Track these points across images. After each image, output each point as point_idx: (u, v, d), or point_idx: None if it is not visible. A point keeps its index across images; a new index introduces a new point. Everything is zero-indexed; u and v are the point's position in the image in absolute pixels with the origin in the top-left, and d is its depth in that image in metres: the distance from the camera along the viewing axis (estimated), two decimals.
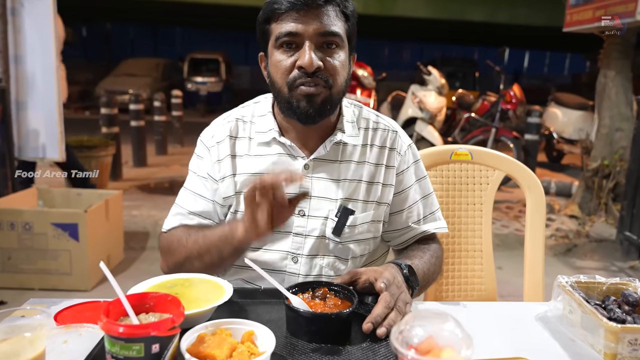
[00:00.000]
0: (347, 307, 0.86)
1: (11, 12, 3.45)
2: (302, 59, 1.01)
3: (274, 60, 1.06)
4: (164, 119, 7.09)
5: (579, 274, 0.97)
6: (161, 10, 14.79)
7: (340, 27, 1.05)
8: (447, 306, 1.03)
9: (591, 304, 0.89)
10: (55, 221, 2.92)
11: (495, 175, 1.66)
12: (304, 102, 1.04)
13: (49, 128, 3.62)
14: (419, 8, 12.76)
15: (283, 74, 1.04)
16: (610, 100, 4.50)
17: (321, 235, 1.12)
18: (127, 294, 0.75)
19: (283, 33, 1.02)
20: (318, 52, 1.03)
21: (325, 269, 1.14)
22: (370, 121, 1.20)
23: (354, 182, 1.14)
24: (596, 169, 4.48)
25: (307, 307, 0.86)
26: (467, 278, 1.67)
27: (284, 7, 1.01)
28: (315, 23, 1.01)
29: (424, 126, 5.59)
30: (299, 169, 1.12)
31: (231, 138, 1.16)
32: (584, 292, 0.95)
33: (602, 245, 3.95)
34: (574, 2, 4.47)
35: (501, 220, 4.45)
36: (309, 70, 1.01)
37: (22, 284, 2.95)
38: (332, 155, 1.14)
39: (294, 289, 0.91)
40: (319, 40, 1.02)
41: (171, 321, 0.68)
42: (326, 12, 1.02)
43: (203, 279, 0.96)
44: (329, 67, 1.04)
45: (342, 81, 1.07)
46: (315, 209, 1.12)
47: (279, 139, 1.12)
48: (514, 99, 5.54)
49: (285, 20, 1.02)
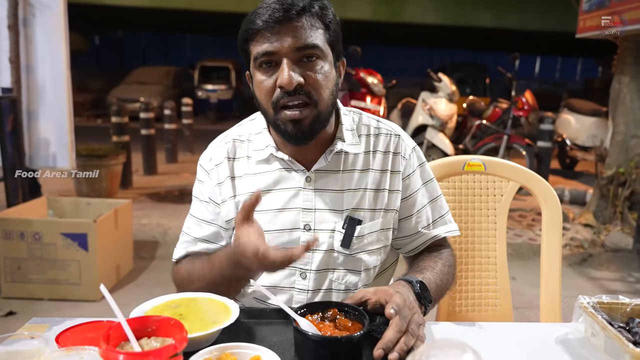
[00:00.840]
0: (358, 330, 0.83)
1: (23, 23, 3.48)
2: (280, 78, 0.97)
3: (256, 81, 1.03)
4: (174, 127, 7.12)
5: (601, 295, 0.92)
6: (172, 18, 14.93)
7: (319, 37, 1.00)
8: (462, 327, 0.98)
9: (615, 327, 0.85)
10: (65, 231, 2.91)
11: (509, 186, 1.62)
12: (291, 126, 1.00)
13: (59, 137, 3.64)
14: (428, 14, 12.74)
15: (266, 95, 1.01)
16: (625, 106, 4.42)
17: (329, 248, 1.09)
18: (129, 318, 0.72)
19: (260, 53, 0.99)
20: (298, 67, 0.99)
21: (336, 283, 1.11)
22: (371, 127, 1.17)
23: (359, 191, 1.11)
24: (611, 176, 4.40)
25: (316, 329, 0.82)
26: (482, 292, 1.62)
27: (257, 26, 0.98)
28: (290, 39, 0.97)
29: (434, 133, 5.54)
30: (301, 183, 1.09)
31: (229, 159, 1.14)
32: (606, 313, 0.90)
33: (618, 255, 3.87)
34: (587, 8, 4.41)
35: (514, 229, 4.38)
36: (289, 89, 0.97)
37: (31, 294, 2.95)
38: (334, 166, 1.11)
39: (302, 310, 0.88)
40: (297, 56, 0.99)
41: (173, 347, 0.65)
42: (301, 25, 0.98)
43: (209, 298, 0.93)
44: (311, 82, 1.00)
45: (328, 94, 1.03)
46: (321, 222, 1.09)
47: (276, 154, 1.09)
48: (526, 105, 5.47)
49: (260, 39, 0.99)
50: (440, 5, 12.60)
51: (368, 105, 5.52)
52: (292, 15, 0.97)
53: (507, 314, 1.61)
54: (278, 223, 1.08)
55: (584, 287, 3.47)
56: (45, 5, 3.51)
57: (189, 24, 17.46)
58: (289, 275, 1.09)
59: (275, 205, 1.09)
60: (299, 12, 0.97)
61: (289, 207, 1.09)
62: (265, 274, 1.10)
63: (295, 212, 1.09)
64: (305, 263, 1.09)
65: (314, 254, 1.09)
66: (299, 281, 1.09)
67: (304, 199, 1.09)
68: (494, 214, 1.62)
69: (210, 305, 0.90)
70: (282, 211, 1.09)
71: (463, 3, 12.62)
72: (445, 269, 1.12)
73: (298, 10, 0.97)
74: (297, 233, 1.08)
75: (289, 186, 1.10)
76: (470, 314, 1.60)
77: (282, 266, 0.90)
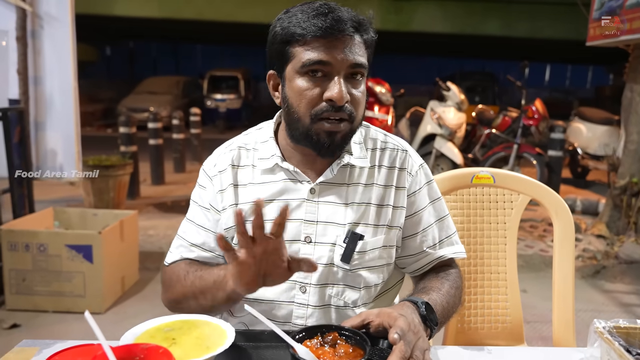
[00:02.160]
0: (359, 356, 0.79)
1: (31, 34, 3.51)
2: (331, 91, 0.96)
3: (297, 87, 1.00)
4: (182, 137, 7.14)
5: (618, 319, 0.87)
6: (182, 28, 15.06)
7: (365, 57, 1.01)
8: (469, 352, 0.94)
9: (633, 354, 0.80)
10: (70, 243, 2.90)
11: (520, 199, 1.57)
12: (325, 136, 1.00)
13: (66, 148, 3.65)
14: (437, 23, 12.73)
15: (308, 103, 0.99)
16: (638, 115, 4.35)
17: (329, 262, 1.06)
18: (115, 347, 0.68)
19: (312, 60, 0.96)
20: (346, 83, 0.98)
21: (335, 298, 1.07)
22: (378, 141, 1.14)
23: (363, 206, 1.08)
24: (624, 186, 4.31)
25: (314, 357, 0.78)
26: (492, 309, 1.57)
27: (312, 31, 0.95)
28: (345, 53, 0.96)
29: (443, 143, 5.49)
30: (305, 194, 1.07)
31: (233, 167, 1.12)
32: (623, 339, 0.85)
33: (632, 267, 3.78)
34: (597, 16, 4.36)
35: (525, 240, 4.31)
36: (339, 104, 0.97)
37: (36, 306, 2.93)
38: (339, 179, 1.08)
39: (300, 334, 0.84)
40: (347, 72, 0.98)
41: None
42: (354, 41, 0.98)
43: (203, 321, 0.89)
44: (353, 99, 1.00)
45: (362, 111, 1.04)
46: (322, 235, 1.06)
47: (281, 164, 1.07)
48: (536, 114, 5.40)
49: (312, 46, 0.96)
50: (449, 14, 12.58)
51: (376, 114, 5.49)
52: (351, 31, 0.97)
53: (518, 331, 1.56)
54: None
55: (597, 300, 3.39)
56: (53, 18, 3.54)
57: (198, 34, 17.61)
58: (289, 289, 1.06)
59: None
60: (355, 28, 0.98)
61: (291, 218, 1.06)
62: (264, 289, 1.06)
63: (297, 223, 1.06)
64: (305, 277, 1.06)
65: None
66: (298, 295, 1.06)
67: (307, 211, 1.06)
68: (504, 227, 1.57)
69: (205, 328, 0.86)
70: None
71: (472, 12, 12.60)
72: (452, 290, 1.08)
73: (354, 26, 0.97)
74: (298, 245, 1.06)
75: (292, 197, 1.07)
76: (480, 331, 1.55)
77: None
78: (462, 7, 12.57)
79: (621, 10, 4.01)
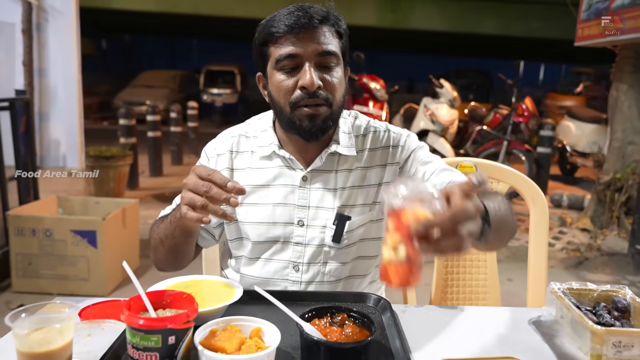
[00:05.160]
0: (364, 337, 0.83)
1: (36, 27, 3.60)
2: (303, 79, 1.06)
3: (275, 81, 1.10)
4: (180, 130, 7.24)
5: (571, 282, 1.02)
6: (179, 23, 15.10)
7: (336, 45, 1.10)
8: (445, 310, 1.08)
9: (582, 310, 0.94)
10: (75, 228, 3.01)
11: (499, 187, 1.70)
12: (306, 121, 1.09)
13: (69, 138, 3.76)
14: (433, 21, 12.85)
15: (285, 94, 1.09)
16: (623, 113, 4.51)
17: (321, 243, 1.16)
18: (147, 291, 0.82)
19: (283, 55, 1.06)
20: (317, 71, 1.07)
21: (327, 275, 1.18)
22: (361, 128, 1.24)
23: (347, 189, 1.18)
24: (608, 182, 4.47)
25: (321, 335, 0.83)
26: (472, 287, 1.71)
27: (281, 30, 1.06)
28: (313, 44, 1.06)
29: (435, 139, 5.63)
30: (298, 181, 1.17)
31: (231, 152, 1.22)
32: (575, 298, 0.99)
33: (613, 259, 3.94)
34: (584, 17, 4.50)
35: None
36: (310, 90, 1.06)
37: (41, 289, 3.05)
38: (328, 166, 1.18)
39: (310, 313, 0.89)
40: (318, 60, 1.07)
41: (186, 316, 0.75)
42: (322, 32, 1.08)
43: (215, 280, 1.02)
44: (328, 85, 1.09)
45: (341, 97, 1.13)
46: (314, 218, 1.16)
47: (278, 152, 1.17)
48: (526, 111, 5.57)
49: (283, 42, 1.07)
50: (446, 12, 12.71)
51: (371, 110, 5.62)
52: (315, 23, 1.06)
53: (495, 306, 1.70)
54: (274, 216, 1.16)
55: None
56: (58, 11, 3.64)
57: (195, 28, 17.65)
58: (283, 268, 1.17)
59: (273, 200, 1.17)
60: (320, 21, 1.07)
61: (286, 202, 1.16)
62: (260, 268, 1.18)
63: (291, 207, 1.16)
64: (298, 257, 1.17)
65: (305, 247, 1.16)
66: (292, 274, 1.17)
67: (300, 197, 1.17)
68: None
69: (216, 286, 1.00)
70: (278, 206, 1.16)
71: (468, 10, 12.73)
72: (503, 205, 0.93)
73: (320, 19, 1.07)
74: (291, 227, 1.16)
75: (286, 183, 1.17)
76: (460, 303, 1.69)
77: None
78: (458, 6, 12.70)
79: (607, 11, 4.16)
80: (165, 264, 1.21)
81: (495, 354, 0.87)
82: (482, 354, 0.87)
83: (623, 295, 0.99)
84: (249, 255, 1.20)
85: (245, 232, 1.19)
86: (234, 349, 0.76)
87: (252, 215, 1.17)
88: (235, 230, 1.21)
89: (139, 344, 0.73)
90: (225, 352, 0.75)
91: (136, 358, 0.73)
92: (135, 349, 0.73)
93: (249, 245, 1.19)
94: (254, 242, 1.17)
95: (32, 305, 0.79)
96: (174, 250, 1.13)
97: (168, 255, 1.16)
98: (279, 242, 1.17)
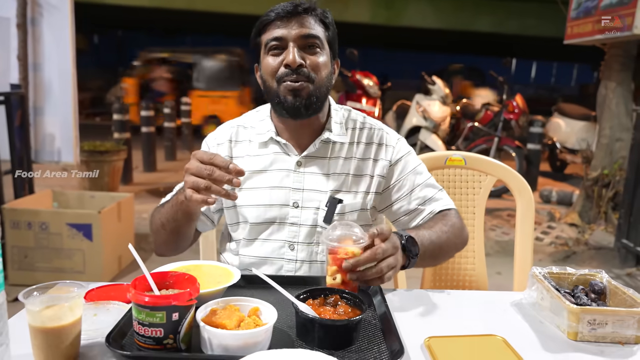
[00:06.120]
0: (356, 315, 0.88)
1: (31, 22, 3.61)
2: (287, 58, 1.16)
3: (265, 64, 1.21)
4: (173, 126, 7.26)
5: (551, 266, 1.07)
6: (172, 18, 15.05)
7: (320, 32, 1.20)
8: (432, 293, 1.13)
9: (561, 292, 0.99)
10: (71, 221, 3.05)
11: (487, 180, 1.76)
12: (290, 96, 1.18)
13: (64, 133, 3.78)
14: (427, 18, 12.90)
15: (272, 72, 1.19)
16: (611, 110, 4.59)
17: (314, 224, 1.24)
18: (151, 272, 0.87)
19: (270, 39, 1.18)
20: (301, 52, 1.18)
21: (320, 255, 1.25)
22: (357, 121, 1.34)
23: (342, 175, 1.26)
24: (596, 178, 4.56)
25: (316, 313, 0.88)
26: (460, 277, 1.77)
27: (271, 17, 1.18)
28: (297, 28, 1.17)
29: (427, 135, 5.70)
30: (292, 166, 1.25)
31: (230, 142, 1.31)
32: (555, 281, 1.05)
33: (600, 253, 4.02)
34: (574, 15, 4.58)
35: (502, 228, 4.54)
36: (293, 66, 1.15)
37: (37, 282, 2.97)
38: (322, 153, 1.27)
39: (305, 294, 0.94)
40: (301, 42, 1.18)
41: (189, 294, 0.80)
42: (307, 19, 1.19)
43: (213, 265, 1.07)
44: (310, 63, 1.18)
45: (324, 76, 1.21)
46: (308, 200, 1.24)
47: (275, 137, 1.26)
48: (517, 109, 5.64)
49: (272, 28, 1.19)
50: (439, 9, 12.76)
51: (363, 106, 5.67)
52: (300, 10, 1.18)
53: None
54: (271, 199, 1.24)
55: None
56: (52, 5, 3.65)
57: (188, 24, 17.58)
58: (279, 247, 1.25)
59: (270, 183, 1.25)
60: (305, 10, 1.19)
61: (281, 185, 1.25)
62: (258, 247, 1.25)
63: (286, 190, 1.25)
64: (293, 236, 1.25)
65: (300, 228, 1.24)
66: (288, 252, 1.25)
67: (294, 180, 1.25)
68: (473, 205, 1.76)
69: (215, 270, 1.05)
70: (274, 189, 1.25)
71: (462, 8, 12.79)
72: (445, 228, 1.22)
73: (305, 8, 1.19)
74: (287, 209, 1.24)
75: (282, 167, 1.26)
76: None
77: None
78: (452, 3, 12.76)
79: (596, 10, 4.24)
80: (165, 248, 1.26)
81: (478, 333, 0.92)
82: (465, 333, 0.92)
83: (600, 279, 1.05)
84: (248, 237, 1.27)
85: (243, 215, 1.26)
86: (233, 325, 0.81)
87: (250, 199, 1.25)
88: (235, 214, 1.28)
89: (144, 320, 0.77)
90: (226, 328, 0.80)
91: (142, 333, 0.78)
92: (141, 324, 0.78)
93: (247, 227, 1.26)
94: (252, 223, 1.25)
95: (41, 285, 0.84)
96: (175, 233, 1.19)
97: (169, 238, 1.21)
98: (275, 222, 1.25)
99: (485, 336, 0.90)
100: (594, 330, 0.89)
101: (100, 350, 0.82)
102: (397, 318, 0.97)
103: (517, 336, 0.91)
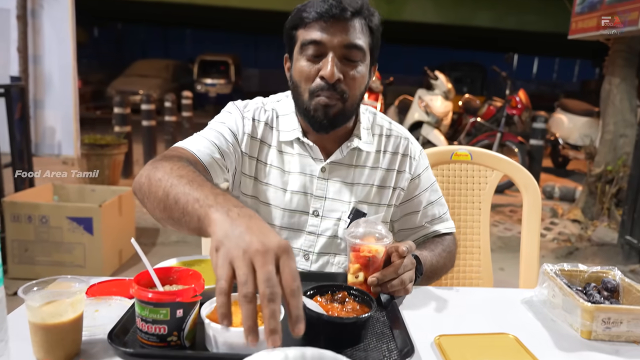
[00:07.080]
0: (365, 313, 0.86)
1: (31, 14, 3.58)
2: (324, 70, 1.05)
3: (298, 66, 1.10)
4: (174, 120, 7.22)
5: (562, 263, 1.05)
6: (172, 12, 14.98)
7: (364, 41, 1.09)
8: (441, 290, 1.11)
9: (573, 290, 0.97)
10: (71, 215, 3.02)
11: (493, 175, 1.74)
12: (320, 111, 1.08)
13: (65, 126, 3.75)
14: (427, 13, 12.85)
15: (306, 81, 1.09)
16: (615, 106, 4.56)
17: (333, 235, 1.19)
18: (155, 267, 0.84)
19: (308, 40, 1.06)
20: (340, 63, 1.06)
21: (336, 266, 1.21)
22: (384, 128, 1.27)
23: (367, 186, 1.21)
24: (599, 174, 4.53)
25: (323, 310, 0.86)
26: (466, 273, 1.75)
27: (312, 16, 1.05)
28: (340, 35, 1.05)
29: (430, 130, 5.67)
30: (317, 172, 1.18)
31: (266, 124, 1.20)
32: (567, 279, 1.03)
33: (603, 249, 4.00)
34: (579, 10, 4.54)
35: (505, 223, 4.52)
36: (329, 81, 1.05)
37: (37, 276, 3.01)
38: (348, 160, 1.20)
39: (312, 291, 0.92)
40: (342, 52, 1.06)
41: (193, 290, 0.77)
42: (352, 25, 1.06)
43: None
44: (348, 80, 1.08)
45: (358, 94, 1.12)
46: (329, 210, 1.18)
47: (302, 139, 1.17)
48: (520, 104, 5.61)
49: (312, 28, 1.06)
50: (440, 5, 12.71)
51: (366, 101, 5.64)
52: (347, 14, 1.05)
53: None
54: (291, 204, 1.18)
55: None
56: None
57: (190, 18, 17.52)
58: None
59: (292, 187, 1.18)
60: (353, 13, 1.06)
61: (303, 191, 1.18)
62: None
63: (308, 197, 1.18)
64: (309, 245, 1.19)
65: (318, 237, 1.19)
66: (302, 262, 1.19)
67: (317, 187, 1.18)
68: (479, 200, 1.74)
69: None
70: (296, 194, 1.18)
71: (462, 3, 12.74)
72: (444, 253, 1.23)
73: (353, 12, 1.06)
74: (306, 217, 1.18)
75: (306, 172, 1.18)
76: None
77: None
78: None
79: (601, 5, 4.19)
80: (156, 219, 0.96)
81: (489, 331, 0.90)
82: (476, 331, 0.90)
83: (612, 276, 1.02)
84: None
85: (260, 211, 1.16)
86: (238, 322, 0.78)
87: (270, 197, 1.18)
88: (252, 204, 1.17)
89: (147, 317, 0.75)
90: (231, 325, 0.77)
91: (145, 330, 0.76)
92: (144, 321, 0.76)
93: None
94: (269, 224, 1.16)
95: (41, 280, 0.81)
96: (171, 224, 0.88)
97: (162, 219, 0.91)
98: (292, 229, 1.19)
99: (497, 334, 0.88)
100: (609, 329, 0.87)
101: (102, 347, 0.80)
102: (405, 315, 0.94)
103: (528, 334, 0.89)
